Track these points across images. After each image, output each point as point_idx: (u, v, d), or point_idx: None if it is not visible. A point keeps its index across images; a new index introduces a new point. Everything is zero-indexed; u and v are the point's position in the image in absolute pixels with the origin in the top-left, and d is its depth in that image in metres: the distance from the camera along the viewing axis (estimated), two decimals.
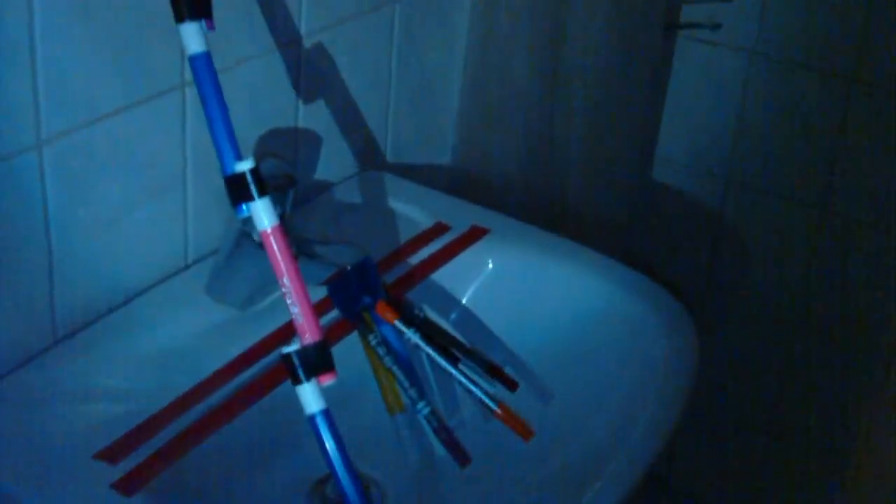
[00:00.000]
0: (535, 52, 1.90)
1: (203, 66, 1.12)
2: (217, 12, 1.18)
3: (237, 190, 1.12)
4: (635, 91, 2.12)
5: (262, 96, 1.55)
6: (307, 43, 1.58)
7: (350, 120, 1.72)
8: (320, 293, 1.36)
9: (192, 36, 1.13)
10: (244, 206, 1.13)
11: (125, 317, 1.42)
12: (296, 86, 1.59)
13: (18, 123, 1.24)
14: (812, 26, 2.13)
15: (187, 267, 1.52)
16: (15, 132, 1.24)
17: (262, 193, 1.12)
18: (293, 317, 1.13)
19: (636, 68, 2.09)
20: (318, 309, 1.32)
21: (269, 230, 1.12)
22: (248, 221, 1.17)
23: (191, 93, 1.40)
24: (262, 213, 1.12)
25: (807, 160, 2.22)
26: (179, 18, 1.13)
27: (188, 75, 1.36)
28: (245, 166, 1.12)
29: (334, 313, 1.40)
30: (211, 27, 1.15)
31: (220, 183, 1.16)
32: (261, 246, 1.18)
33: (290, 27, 1.55)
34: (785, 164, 2.25)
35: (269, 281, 1.18)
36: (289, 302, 1.13)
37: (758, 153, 2.27)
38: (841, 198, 2.20)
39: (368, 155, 1.78)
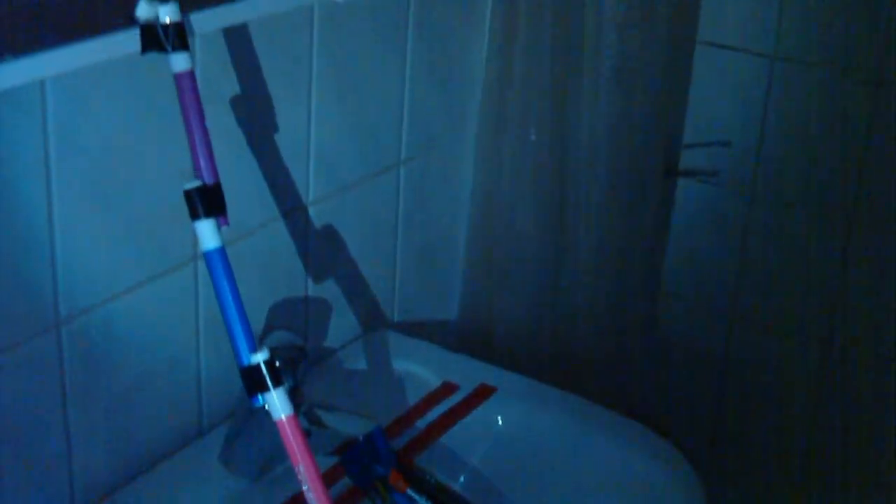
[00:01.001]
0: (539, 206, 1.95)
1: (218, 261, 1.16)
2: (227, 183, 1.23)
3: (252, 381, 1.15)
4: (639, 236, 2.16)
5: (271, 265, 1.59)
6: (314, 211, 1.63)
7: (358, 283, 1.76)
8: (331, 459, 1.38)
9: (207, 232, 1.17)
10: (259, 396, 1.16)
11: (143, 488, 1.44)
12: (304, 253, 1.63)
13: (38, 306, 1.28)
14: (808, 165, 2.17)
15: (202, 434, 1.54)
16: (35, 314, 1.28)
17: (276, 384, 1.15)
18: (308, 502, 1.16)
19: (639, 213, 2.13)
20: (330, 475, 1.34)
21: (284, 419, 1.15)
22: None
23: (203, 266, 1.44)
24: (278, 403, 1.15)
25: (810, 295, 2.24)
26: (195, 216, 1.18)
27: (199, 248, 1.40)
28: (260, 358, 1.16)
29: (345, 480, 1.43)
30: (225, 223, 1.20)
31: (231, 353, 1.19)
32: None
33: (297, 196, 1.60)
34: (788, 299, 2.27)
35: (282, 451, 1.21)
36: (304, 488, 1.15)
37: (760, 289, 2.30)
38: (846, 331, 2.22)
39: (376, 315, 1.82)
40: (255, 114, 1.49)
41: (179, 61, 1.23)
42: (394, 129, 1.75)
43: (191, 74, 1.23)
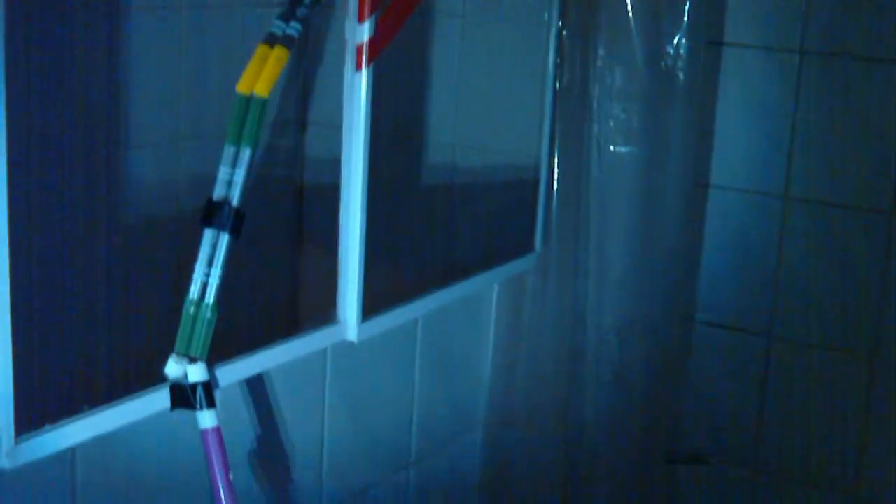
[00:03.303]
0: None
1: None
2: None
3: None
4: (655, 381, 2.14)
5: None
6: None
7: None
8: None
9: None
10: None
11: None
12: None
13: None
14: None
15: None
16: None
17: None
18: None
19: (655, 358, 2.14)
20: None
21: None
22: None
23: None
24: None
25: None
26: None
27: None
28: None
29: None
30: None
31: None
32: None
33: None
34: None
35: None
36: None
37: None
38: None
39: None
40: (273, 459, 1.53)
41: (207, 418, 1.28)
42: (403, 433, 1.82)
43: (217, 430, 1.27)
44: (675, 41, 1.93)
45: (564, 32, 1.96)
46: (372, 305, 1.58)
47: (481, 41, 2.03)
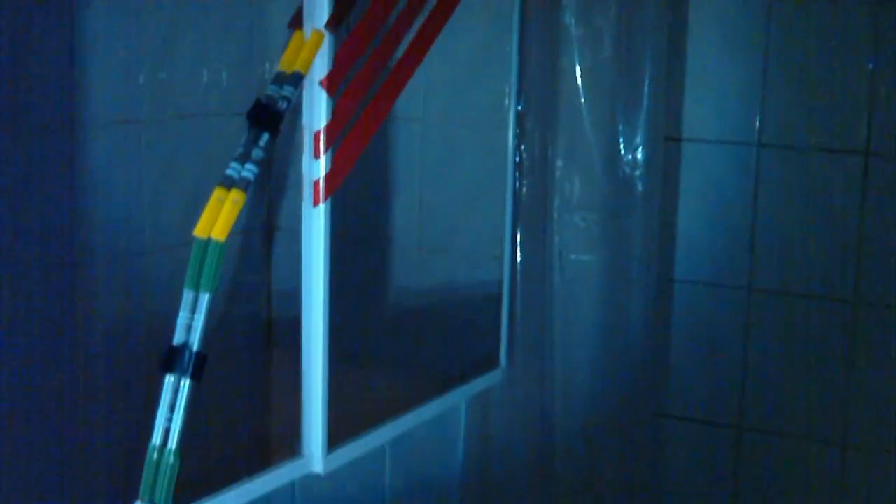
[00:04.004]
0: None
1: None
2: None
3: None
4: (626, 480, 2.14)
5: None
6: None
7: None
8: None
9: None
10: None
11: None
12: None
13: None
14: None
15: None
16: None
17: None
18: None
19: None
20: None
21: None
22: None
23: None
24: None
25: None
26: None
27: None
28: None
29: None
30: None
31: None
32: None
33: None
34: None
35: None
36: None
37: None
38: None
39: None
40: None
41: None
42: None
43: None
44: (633, 144, 1.95)
45: (523, 147, 1.98)
46: (338, 432, 1.58)
47: (441, 146, 2.07)
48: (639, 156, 1.96)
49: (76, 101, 1.46)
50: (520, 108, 1.98)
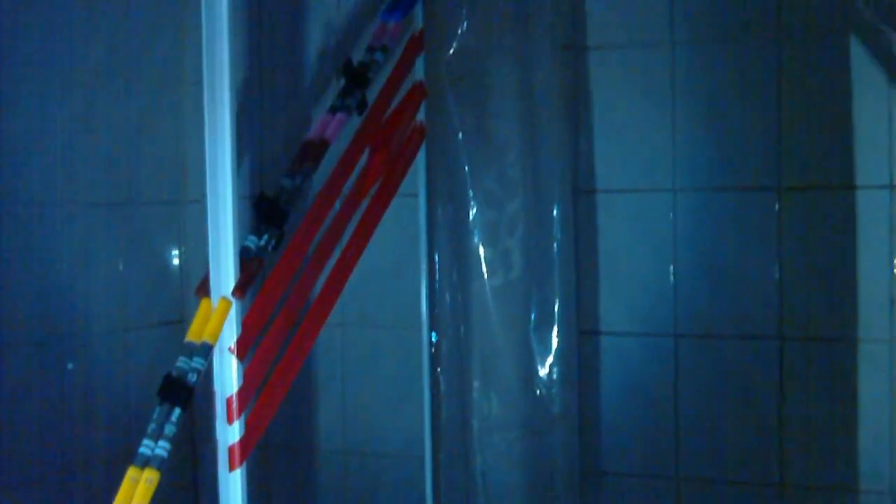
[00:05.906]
0: None
1: None
2: None
3: None
4: None
5: None
6: None
7: None
8: None
9: None
10: None
11: None
12: None
13: None
14: None
15: None
16: None
17: None
18: None
19: None
20: None
21: None
22: None
23: None
24: None
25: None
26: None
27: None
28: None
29: None
30: None
31: None
32: None
33: None
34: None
35: None
36: None
37: None
38: None
39: None
40: None
41: None
42: None
43: None
44: (547, 365, 1.99)
45: (438, 369, 2.02)
46: None
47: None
48: (554, 376, 2.00)
49: None
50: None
